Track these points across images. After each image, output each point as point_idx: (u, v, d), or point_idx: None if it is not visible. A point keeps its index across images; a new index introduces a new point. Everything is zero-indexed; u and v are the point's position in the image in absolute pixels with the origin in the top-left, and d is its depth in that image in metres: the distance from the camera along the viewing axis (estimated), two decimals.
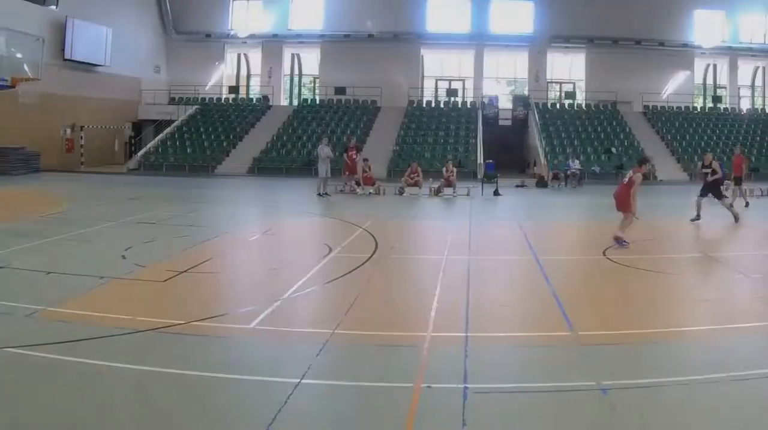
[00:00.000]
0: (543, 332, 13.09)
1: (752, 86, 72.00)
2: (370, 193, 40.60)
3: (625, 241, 22.08)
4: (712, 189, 28.53)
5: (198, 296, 15.97)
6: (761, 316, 14.15)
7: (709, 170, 28.96)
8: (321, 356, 11.57)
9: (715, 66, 71.05)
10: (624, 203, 22.76)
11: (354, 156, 41.61)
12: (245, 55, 75.18)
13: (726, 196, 29.79)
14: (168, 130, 63.91)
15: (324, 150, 40.12)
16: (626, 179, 23.08)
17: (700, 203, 27.96)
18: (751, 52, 69.08)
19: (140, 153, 60.86)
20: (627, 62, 66.16)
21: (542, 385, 10.34)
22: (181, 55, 72.47)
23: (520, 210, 33.57)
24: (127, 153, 65.86)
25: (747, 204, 33.72)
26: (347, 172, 41.82)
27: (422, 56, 71.55)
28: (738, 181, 34.38)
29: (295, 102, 73.08)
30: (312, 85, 75.86)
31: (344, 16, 68.78)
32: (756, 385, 10.31)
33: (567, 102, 68.36)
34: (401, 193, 40.56)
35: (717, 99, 69.28)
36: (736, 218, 28.30)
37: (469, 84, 70.78)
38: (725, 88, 70.56)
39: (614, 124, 62.17)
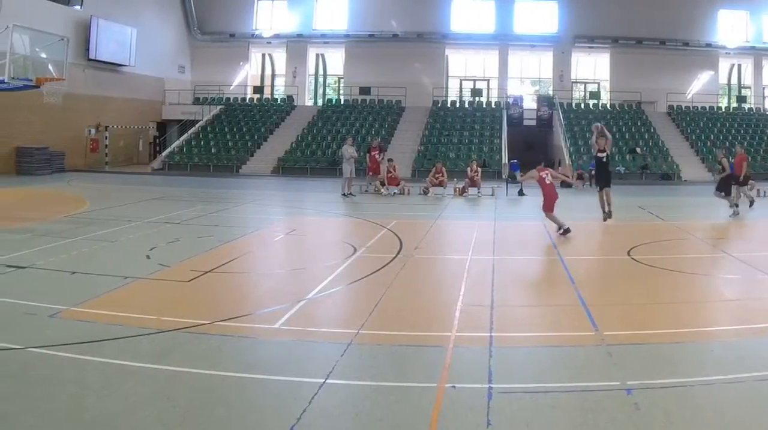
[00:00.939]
0: (567, 332, 13.08)
1: None
2: (394, 193, 40.60)
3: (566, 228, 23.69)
4: (722, 185, 28.56)
5: (223, 296, 16.01)
6: None
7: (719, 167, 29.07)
8: (345, 356, 11.59)
9: (739, 66, 70.82)
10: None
11: (377, 156, 41.56)
12: (270, 55, 75.30)
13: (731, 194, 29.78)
14: (192, 130, 64.23)
15: (348, 150, 40.11)
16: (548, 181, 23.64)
17: (721, 197, 27.98)
18: None
19: (165, 153, 61.02)
20: (651, 62, 66.02)
21: (567, 385, 10.34)
22: (206, 55, 72.71)
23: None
24: (152, 153, 66.03)
25: (751, 203, 33.46)
26: (371, 173, 41.80)
27: (447, 56, 71.47)
28: (742, 181, 34.30)
29: (320, 102, 73.19)
30: (336, 85, 75.83)
31: (369, 16, 68.94)
32: None
33: (591, 102, 68.30)
34: (426, 193, 40.55)
35: (741, 99, 68.97)
36: (735, 213, 28.38)
37: (494, 84, 70.83)
38: (750, 88, 70.21)
39: (639, 124, 62.03)
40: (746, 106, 68.01)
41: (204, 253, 20.78)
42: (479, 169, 42.08)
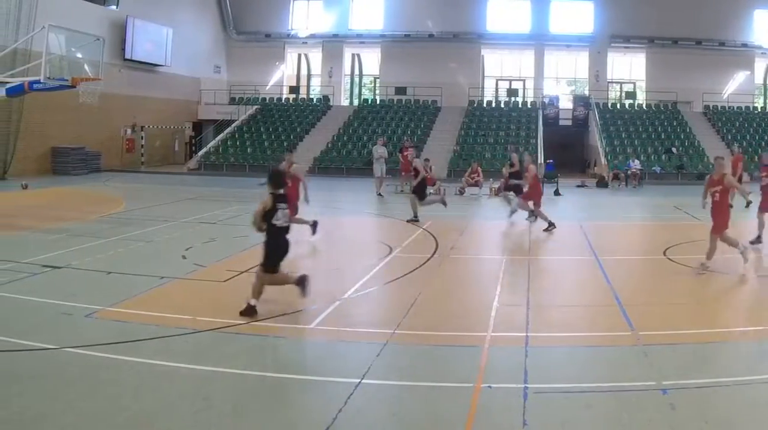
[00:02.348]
0: (603, 332, 13.08)
1: None
2: (430, 193, 40.51)
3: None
4: None
5: None
6: None
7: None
8: (381, 356, 11.62)
9: None
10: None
11: (409, 156, 41.51)
12: (306, 55, 75.10)
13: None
14: (228, 130, 64.08)
15: (377, 150, 40.16)
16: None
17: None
18: None
19: (200, 153, 60.93)
20: (687, 62, 65.59)
21: (602, 385, 10.34)
22: (242, 55, 72.72)
23: (580, 210, 33.41)
24: (188, 153, 66.09)
25: (748, 204, 33.21)
26: (403, 172, 41.75)
27: (482, 56, 71.09)
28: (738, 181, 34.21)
29: (356, 102, 72.86)
30: (372, 85, 75.63)
31: (404, 16, 68.71)
32: None
33: (627, 102, 67.82)
34: (462, 193, 40.51)
35: None
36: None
37: (530, 84, 70.40)
38: None
39: (675, 124, 61.61)
40: None
41: (240, 253, 20.81)
42: None
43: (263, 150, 59.92)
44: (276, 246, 14.45)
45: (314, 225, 22.53)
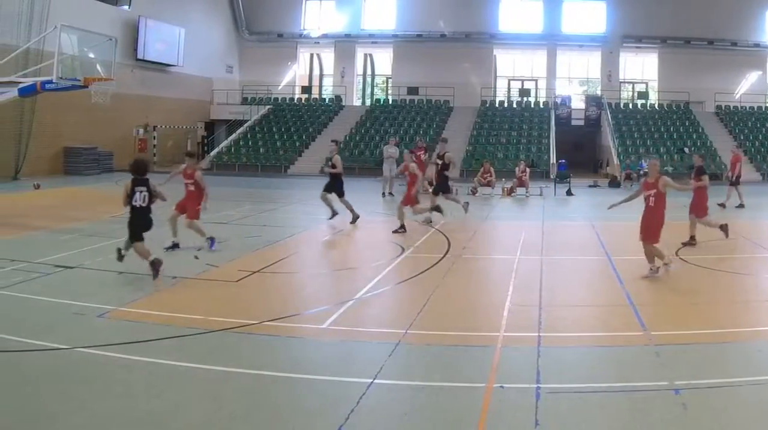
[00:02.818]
0: (616, 332, 13.07)
1: None
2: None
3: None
4: None
5: (271, 296, 16.09)
6: None
7: None
8: (393, 356, 11.63)
9: None
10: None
11: (422, 156, 41.47)
12: (318, 55, 75.12)
13: None
14: (240, 130, 64.27)
15: (387, 150, 40.17)
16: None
17: None
18: None
19: (213, 153, 60.97)
20: (699, 62, 65.46)
21: (615, 385, 10.36)
22: (254, 55, 72.83)
23: (592, 210, 33.36)
24: (200, 153, 66.19)
25: (742, 205, 33.07)
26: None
27: (495, 56, 71.08)
28: (735, 181, 34.11)
29: (368, 102, 72.96)
30: (384, 85, 75.60)
31: (417, 16, 68.70)
32: None
33: (639, 102, 67.78)
34: (474, 193, 40.43)
35: None
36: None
37: (542, 84, 70.44)
38: None
39: (687, 124, 61.52)
40: None
41: (252, 253, 20.93)
42: (527, 169, 41.98)
43: (275, 150, 60.05)
44: (135, 221, 16.82)
45: (211, 239, 22.22)
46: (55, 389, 10.01)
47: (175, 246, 21.27)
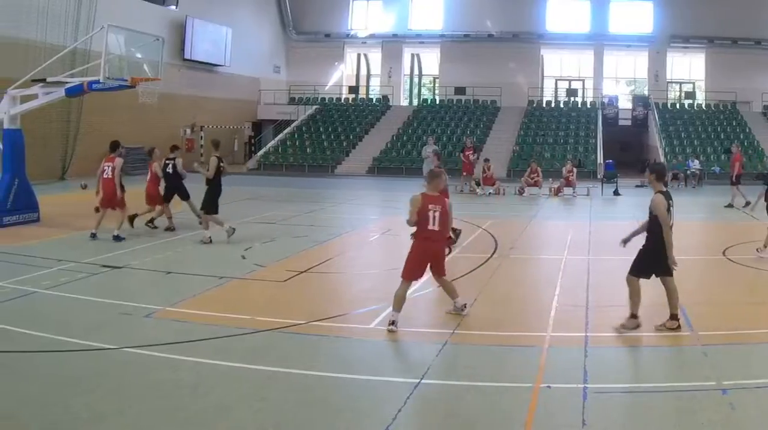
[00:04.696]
0: (663, 332, 12.98)
1: None
2: (490, 193, 40.49)
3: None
4: None
5: (318, 296, 16.18)
6: None
7: None
8: (440, 356, 11.67)
9: None
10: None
11: (470, 156, 41.43)
12: (365, 55, 75.05)
13: None
14: (287, 130, 64.44)
15: (426, 150, 40.18)
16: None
17: None
18: None
19: (260, 153, 61.20)
20: (747, 62, 64.95)
21: (662, 385, 10.35)
22: (301, 55, 73.01)
23: (639, 210, 33.13)
24: (247, 153, 66.32)
25: (747, 203, 32.71)
26: (464, 172, 41.70)
27: (542, 56, 70.99)
28: (736, 181, 33.82)
29: (415, 102, 72.96)
30: (432, 85, 75.60)
31: (464, 16, 68.67)
32: None
33: (686, 102, 67.40)
34: (521, 193, 40.38)
35: None
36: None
37: (589, 84, 70.14)
38: None
39: (734, 124, 61.13)
40: None
41: (299, 253, 20.97)
42: (574, 169, 41.84)
43: (322, 150, 60.30)
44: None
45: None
46: (102, 389, 10.07)
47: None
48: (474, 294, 15.58)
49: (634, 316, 13.26)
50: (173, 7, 56.18)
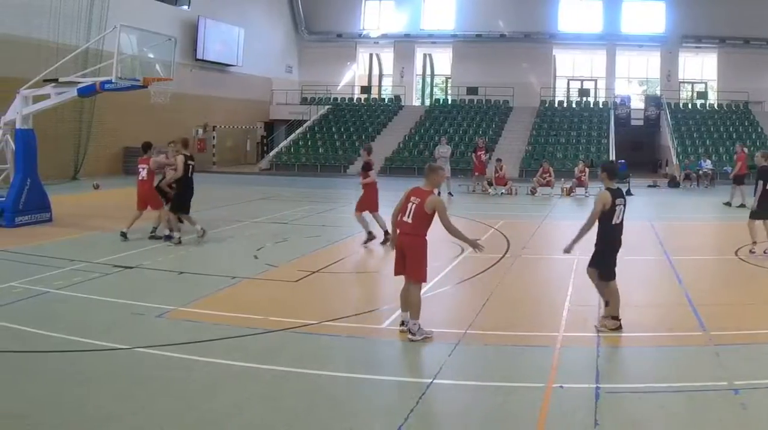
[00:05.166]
0: (675, 332, 13.05)
1: None
2: (502, 193, 40.49)
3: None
4: None
5: (330, 296, 16.26)
6: None
7: None
8: (453, 356, 11.68)
9: None
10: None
11: (482, 156, 41.41)
12: (377, 55, 75.10)
13: None
14: (300, 130, 64.50)
15: (440, 150, 40.16)
16: None
17: None
18: None
19: (272, 153, 61.25)
20: (759, 62, 64.73)
21: (674, 385, 10.33)
22: (313, 55, 72.94)
23: (651, 210, 33.15)
24: (259, 153, 66.30)
25: (741, 205, 32.59)
26: (476, 172, 41.69)
27: (554, 56, 70.90)
28: (740, 181, 33.69)
29: (427, 102, 72.84)
30: (444, 85, 75.47)
31: (476, 16, 68.53)
32: None
33: (699, 102, 67.28)
34: (533, 193, 40.36)
35: None
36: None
37: (601, 84, 70.05)
38: None
39: (746, 124, 61.03)
40: None
41: (311, 253, 21.01)
42: (587, 169, 41.72)
43: (335, 150, 60.28)
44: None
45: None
46: (114, 389, 10.09)
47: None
48: (486, 294, 15.62)
49: (615, 318, 13.19)
50: (185, 7, 56.29)
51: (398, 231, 13.01)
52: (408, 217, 12.80)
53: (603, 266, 13.66)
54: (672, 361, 11.51)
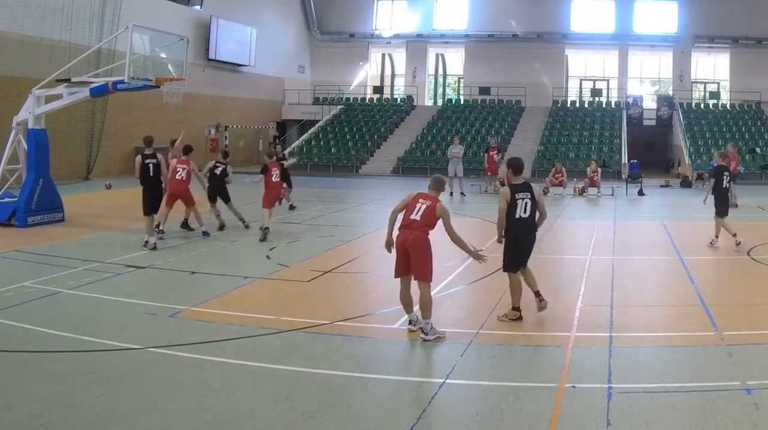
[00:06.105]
0: (687, 332, 13.02)
1: None
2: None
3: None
4: None
5: (342, 296, 16.22)
6: None
7: None
8: (465, 356, 11.68)
9: None
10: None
11: (494, 156, 41.36)
12: (389, 55, 75.05)
13: None
14: (312, 130, 64.59)
15: (452, 150, 40.11)
16: None
17: None
18: None
19: (284, 153, 61.19)
20: None
21: (687, 385, 10.33)
22: (326, 55, 73.06)
23: (664, 210, 33.11)
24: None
25: (735, 205, 32.45)
26: (489, 172, 41.66)
27: (566, 56, 70.86)
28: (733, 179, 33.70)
29: (440, 102, 72.85)
30: (456, 85, 75.13)
31: (488, 15, 68.63)
32: None
33: (711, 102, 67.19)
34: (545, 193, 40.12)
35: None
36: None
37: (614, 84, 70.07)
38: None
39: (758, 124, 60.98)
40: None
41: (324, 253, 21.04)
42: (599, 169, 41.72)
43: (347, 150, 60.38)
44: None
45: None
46: (127, 388, 10.11)
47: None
48: (499, 294, 15.59)
49: (515, 309, 13.74)
50: (198, 7, 56.36)
51: (399, 230, 13.29)
52: (417, 215, 12.99)
53: (505, 257, 14.16)
54: (684, 361, 11.49)
